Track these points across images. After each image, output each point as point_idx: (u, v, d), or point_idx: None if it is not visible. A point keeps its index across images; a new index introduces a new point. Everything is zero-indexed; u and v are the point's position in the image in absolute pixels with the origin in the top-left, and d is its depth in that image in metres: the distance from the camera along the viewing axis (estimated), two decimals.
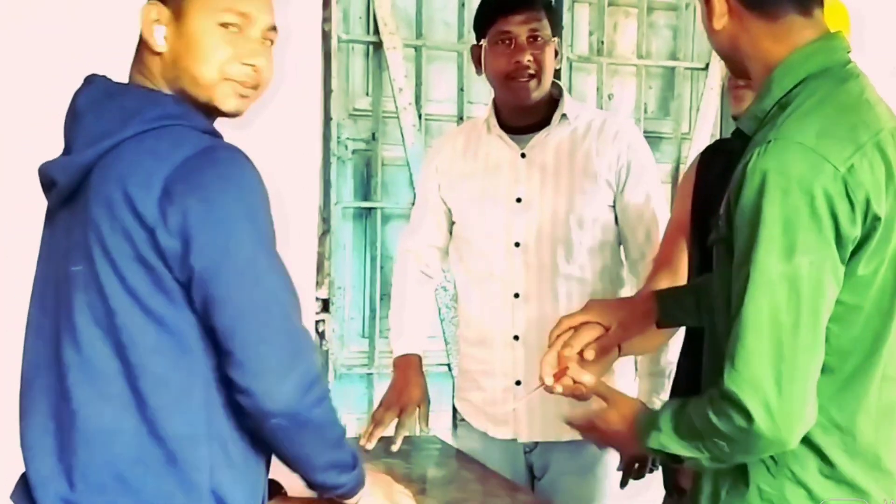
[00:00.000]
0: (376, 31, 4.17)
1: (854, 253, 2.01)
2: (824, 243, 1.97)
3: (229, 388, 1.99)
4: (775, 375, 1.97)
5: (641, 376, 3.25)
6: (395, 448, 3.04)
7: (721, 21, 2.15)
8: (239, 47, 2.08)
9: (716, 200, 2.52)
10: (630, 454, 2.33)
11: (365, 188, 4.27)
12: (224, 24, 2.07)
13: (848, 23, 2.74)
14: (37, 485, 2.04)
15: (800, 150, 1.98)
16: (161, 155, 1.95)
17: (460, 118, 4.38)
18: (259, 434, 2.07)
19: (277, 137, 3.67)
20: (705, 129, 4.72)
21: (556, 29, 3.17)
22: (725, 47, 2.19)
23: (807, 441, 2.06)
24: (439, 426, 3.69)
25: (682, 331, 3.00)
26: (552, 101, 3.21)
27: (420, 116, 4.18)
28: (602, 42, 4.53)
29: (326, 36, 4.00)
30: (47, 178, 2.08)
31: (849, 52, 2.18)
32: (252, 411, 2.00)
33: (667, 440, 2.13)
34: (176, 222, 1.91)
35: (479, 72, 3.22)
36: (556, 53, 3.16)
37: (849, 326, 2.06)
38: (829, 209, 1.96)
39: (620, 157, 3.17)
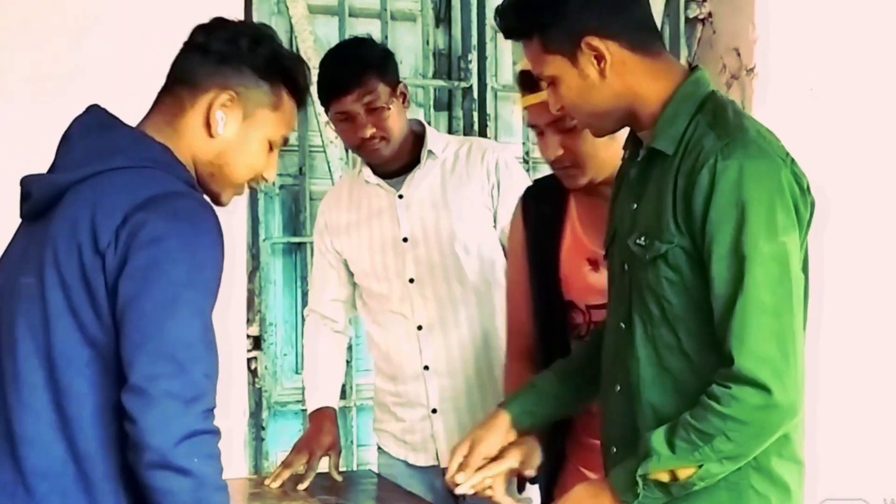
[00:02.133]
0: None
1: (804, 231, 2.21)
2: (793, 225, 2.15)
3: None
4: (781, 348, 2.10)
5: None
6: (301, 487, 3.13)
7: (609, 70, 2.25)
8: (268, 165, 2.26)
9: (550, 237, 2.79)
10: None
11: (294, 223, 4.29)
12: (270, 142, 2.23)
13: None
14: None
15: (756, 147, 2.15)
16: (132, 189, 2.01)
17: None
18: (136, 474, 2.00)
19: None
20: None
21: (394, 78, 3.29)
22: (610, 95, 2.28)
23: None
24: (374, 458, 3.72)
25: None
26: (418, 140, 3.34)
27: (347, 149, 4.15)
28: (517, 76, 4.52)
29: None
30: (25, 189, 2.14)
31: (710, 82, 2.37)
32: (134, 441, 1.96)
33: (668, 461, 2.15)
34: (123, 245, 1.96)
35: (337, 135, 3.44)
36: (404, 96, 3.28)
37: None
38: (791, 195, 2.14)
39: (490, 176, 3.31)
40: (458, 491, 2.60)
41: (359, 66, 3.22)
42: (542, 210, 2.89)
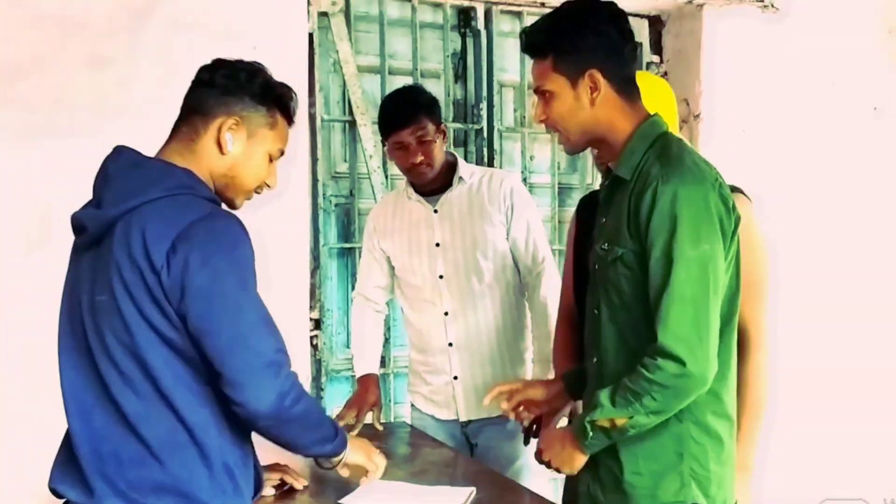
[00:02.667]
0: (350, 112, 4.18)
1: (729, 241, 2.22)
2: (717, 235, 2.16)
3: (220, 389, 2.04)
4: (696, 330, 2.13)
5: (535, 362, 3.36)
6: (353, 434, 3.09)
7: (598, 101, 2.27)
8: (270, 174, 2.24)
9: (588, 234, 2.67)
10: (575, 463, 2.36)
11: (346, 232, 4.26)
12: (270, 155, 2.22)
13: (673, 106, 2.84)
14: (98, 471, 2.04)
15: (690, 175, 2.18)
16: (172, 217, 1.99)
17: None
18: (256, 431, 2.13)
19: (278, 197, 3.66)
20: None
21: (438, 118, 3.30)
22: (591, 121, 2.30)
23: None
24: (408, 413, 3.71)
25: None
26: (451, 167, 3.34)
27: (387, 176, 4.19)
28: (524, 116, 4.54)
29: (312, 117, 4.02)
30: (79, 224, 2.11)
31: (666, 125, 2.39)
32: (245, 417, 2.04)
33: (608, 412, 2.20)
34: (177, 270, 1.95)
35: (391, 159, 3.40)
36: (444, 134, 3.28)
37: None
38: (717, 211, 2.17)
39: (505, 200, 3.31)
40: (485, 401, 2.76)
41: (414, 108, 3.23)
42: (586, 214, 2.88)
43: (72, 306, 2.12)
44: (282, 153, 2.24)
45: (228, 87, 2.14)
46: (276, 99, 2.20)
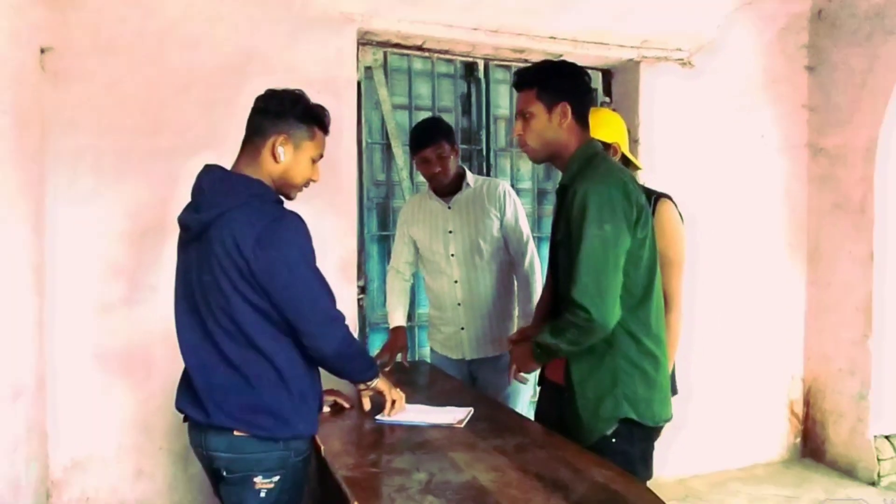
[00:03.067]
0: (386, 138, 4.16)
1: (635, 225, 2.21)
2: (617, 219, 2.17)
3: (297, 339, 2.08)
4: (597, 288, 2.16)
5: (519, 317, 3.34)
6: (386, 370, 3.11)
7: (565, 125, 2.31)
8: (313, 172, 2.21)
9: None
10: (529, 367, 2.49)
11: (383, 223, 4.25)
12: (313, 159, 2.20)
13: (623, 133, 2.82)
14: (210, 398, 2.09)
15: (599, 178, 2.21)
16: (253, 220, 2.01)
17: None
18: (322, 366, 2.18)
19: (336, 198, 3.71)
20: None
21: (453, 141, 3.26)
22: (555, 139, 2.32)
23: (629, 333, 2.24)
24: (428, 354, 3.71)
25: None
26: (460, 176, 3.32)
27: (412, 183, 4.18)
28: (513, 140, 4.50)
29: (360, 141, 3.99)
30: (185, 224, 2.13)
31: (601, 147, 2.39)
32: (317, 357, 2.12)
33: (546, 338, 2.29)
34: (263, 261, 1.99)
35: (417, 170, 3.37)
36: (457, 152, 3.29)
37: (637, 267, 2.24)
38: (619, 203, 2.18)
39: (500, 199, 3.29)
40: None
41: (435, 132, 3.22)
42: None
43: (185, 283, 2.14)
44: (321, 156, 2.21)
45: (278, 111, 2.12)
46: (314, 117, 2.17)
